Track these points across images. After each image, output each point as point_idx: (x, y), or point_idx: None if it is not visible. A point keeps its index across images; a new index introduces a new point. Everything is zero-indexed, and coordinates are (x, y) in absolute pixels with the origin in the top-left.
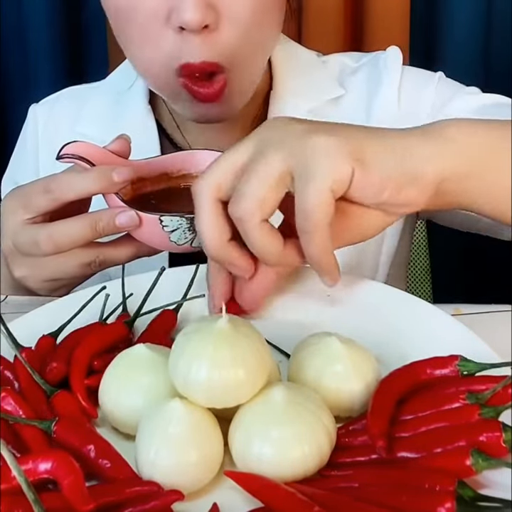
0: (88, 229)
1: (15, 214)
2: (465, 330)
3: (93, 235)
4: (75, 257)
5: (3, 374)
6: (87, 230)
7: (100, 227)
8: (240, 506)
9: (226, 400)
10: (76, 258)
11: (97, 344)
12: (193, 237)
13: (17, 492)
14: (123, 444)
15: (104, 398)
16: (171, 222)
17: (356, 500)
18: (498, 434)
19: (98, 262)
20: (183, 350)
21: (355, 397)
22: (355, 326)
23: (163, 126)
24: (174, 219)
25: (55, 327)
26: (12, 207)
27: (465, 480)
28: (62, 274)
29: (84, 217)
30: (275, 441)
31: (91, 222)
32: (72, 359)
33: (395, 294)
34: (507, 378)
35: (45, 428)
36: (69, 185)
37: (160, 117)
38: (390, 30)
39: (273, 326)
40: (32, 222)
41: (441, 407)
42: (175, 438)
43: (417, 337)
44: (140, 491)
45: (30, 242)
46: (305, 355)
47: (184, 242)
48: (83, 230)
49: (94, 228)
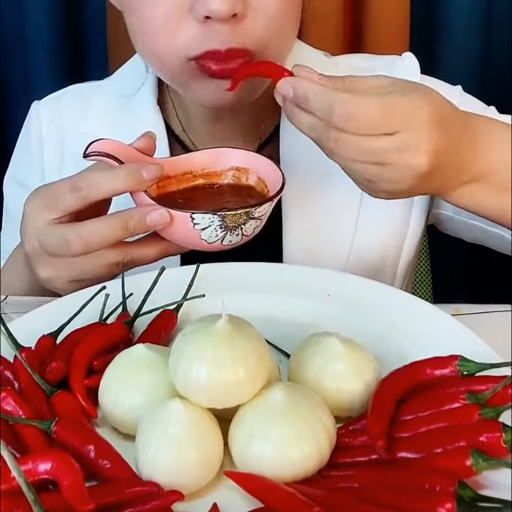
0: (119, 228)
1: (40, 214)
2: (465, 330)
3: (124, 233)
4: (103, 257)
5: (3, 374)
6: (118, 229)
7: (131, 225)
8: (240, 506)
9: (226, 400)
10: (104, 258)
11: (97, 344)
12: (224, 235)
13: (17, 492)
14: (123, 444)
15: (104, 398)
16: (203, 219)
17: (356, 500)
18: (498, 435)
19: (126, 261)
20: (183, 351)
21: (355, 397)
22: (355, 325)
23: (171, 128)
24: (206, 216)
25: (55, 327)
26: (37, 207)
27: (465, 480)
28: (88, 274)
29: (115, 216)
30: (275, 441)
31: (121, 221)
32: (72, 359)
33: (395, 294)
34: (507, 378)
35: (45, 428)
36: (98, 183)
37: (168, 118)
38: (389, 32)
39: (273, 326)
40: (59, 222)
41: (441, 407)
42: (175, 438)
43: (417, 337)
44: (140, 491)
45: (59, 242)
46: (305, 355)
47: (215, 240)
48: (114, 229)
49: (125, 227)
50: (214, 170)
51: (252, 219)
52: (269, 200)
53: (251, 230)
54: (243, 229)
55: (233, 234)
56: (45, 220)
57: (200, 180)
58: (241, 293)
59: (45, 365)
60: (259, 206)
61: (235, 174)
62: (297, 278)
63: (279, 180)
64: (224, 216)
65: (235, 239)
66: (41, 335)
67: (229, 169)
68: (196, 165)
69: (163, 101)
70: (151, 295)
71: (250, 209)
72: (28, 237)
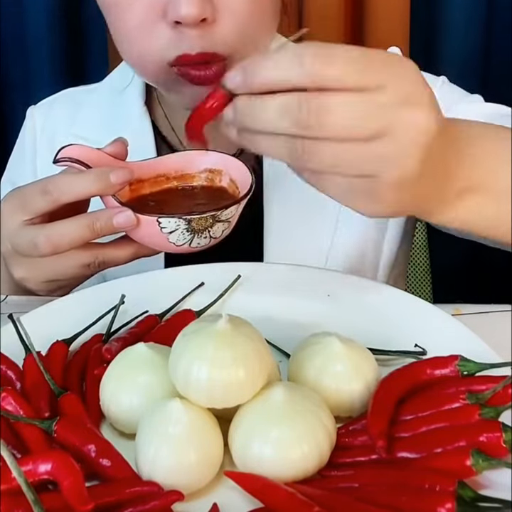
0: (86, 229)
1: (13, 215)
2: (465, 330)
3: (91, 235)
4: (74, 258)
5: (5, 374)
6: (85, 230)
7: (98, 227)
8: (240, 506)
9: (226, 400)
10: (75, 259)
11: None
12: (192, 238)
13: (17, 492)
14: (123, 444)
15: (104, 398)
16: (169, 223)
17: (356, 500)
18: (498, 435)
19: (97, 262)
20: (183, 351)
21: (355, 397)
22: (355, 325)
23: (159, 128)
24: (172, 220)
25: (56, 327)
26: (10, 208)
27: (465, 480)
28: (61, 275)
29: (82, 217)
30: (275, 441)
31: (88, 222)
32: None
33: (395, 293)
34: (507, 378)
35: (46, 427)
36: (67, 186)
37: (156, 119)
38: (390, 30)
39: (273, 326)
40: (30, 223)
41: (441, 407)
42: (175, 438)
43: (417, 337)
44: (140, 491)
45: (28, 243)
46: (305, 355)
47: (183, 242)
48: (81, 230)
49: (92, 228)
50: (187, 172)
51: (219, 222)
52: (236, 203)
53: (219, 232)
54: (211, 232)
55: (201, 237)
56: (17, 222)
57: (174, 183)
58: (241, 293)
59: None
60: (225, 209)
61: (208, 176)
62: (297, 278)
63: (248, 182)
64: (190, 220)
65: (204, 241)
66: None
67: (202, 171)
68: (170, 167)
69: (151, 101)
70: (150, 295)
71: (216, 212)
72: (2, 238)
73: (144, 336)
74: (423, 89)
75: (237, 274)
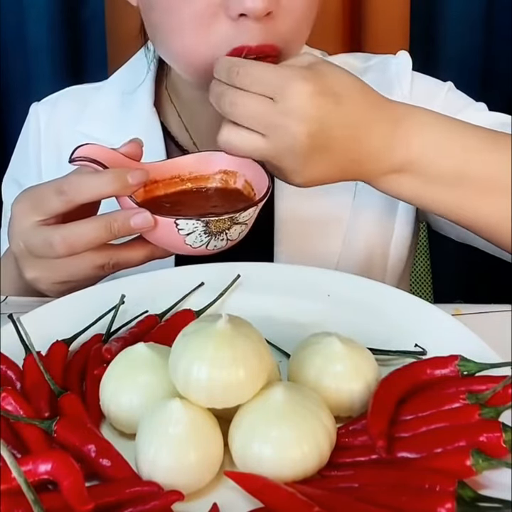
0: (103, 230)
1: (26, 215)
2: (465, 330)
3: (108, 236)
4: (88, 259)
5: (5, 374)
6: (102, 231)
7: (115, 228)
8: (240, 506)
9: (226, 400)
10: (89, 260)
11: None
12: (209, 240)
13: (17, 492)
14: (123, 444)
15: (104, 398)
16: (187, 225)
17: (356, 500)
18: (498, 435)
19: (111, 264)
20: (183, 351)
21: (355, 397)
22: (355, 325)
23: (168, 129)
24: (190, 222)
25: (56, 327)
26: (23, 208)
27: (465, 480)
28: (74, 277)
29: (99, 218)
30: (275, 441)
31: (105, 223)
32: None
33: (396, 293)
34: (507, 378)
35: (46, 427)
36: (83, 187)
37: (165, 119)
38: (389, 31)
39: (273, 326)
40: (44, 224)
41: (441, 407)
42: (175, 438)
43: (417, 337)
44: (140, 491)
45: (43, 244)
46: (305, 355)
47: (200, 245)
48: (98, 232)
49: (108, 229)
50: (202, 173)
51: (236, 224)
52: (254, 205)
53: (236, 234)
54: (228, 234)
55: (218, 239)
56: (30, 222)
57: (188, 184)
58: (241, 293)
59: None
60: (243, 211)
61: (222, 177)
62: (297, 278)
63: (265, 184)
64: (208, 222)
65: (220, 244)
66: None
67: (217, 172)
68: (184, 169)
69: (160, 103)
70: (151, 295)
71: (234, 214)
72: (14, 238)
73: (143, 335)
74: None
75: (236, 274)
